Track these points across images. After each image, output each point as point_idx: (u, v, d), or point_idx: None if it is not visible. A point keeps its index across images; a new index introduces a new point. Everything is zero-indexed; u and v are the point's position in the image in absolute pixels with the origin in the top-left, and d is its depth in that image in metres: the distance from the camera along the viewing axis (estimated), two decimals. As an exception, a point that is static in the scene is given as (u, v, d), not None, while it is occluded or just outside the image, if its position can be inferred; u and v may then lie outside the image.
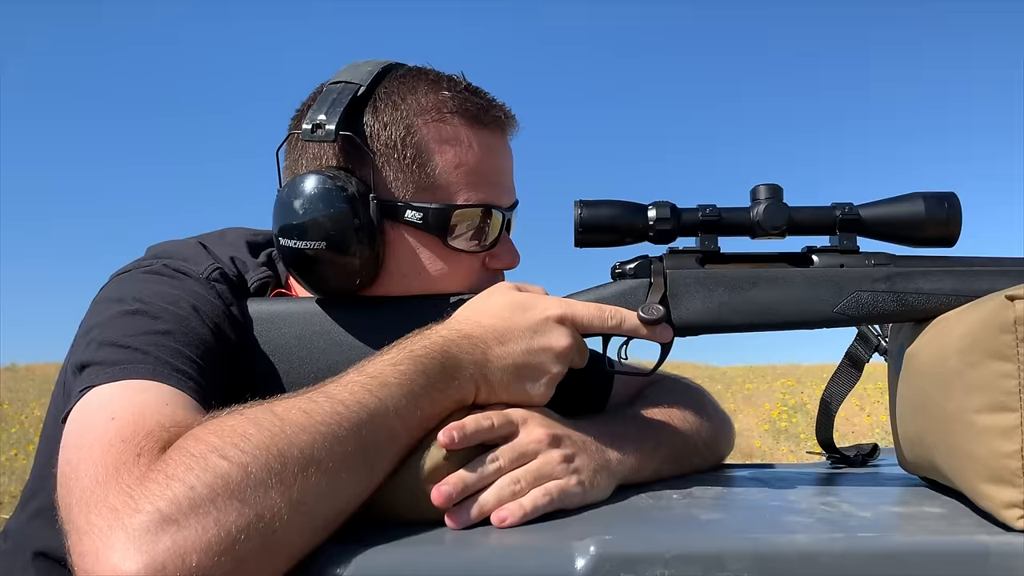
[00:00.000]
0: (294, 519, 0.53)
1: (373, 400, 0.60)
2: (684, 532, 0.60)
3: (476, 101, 0.81)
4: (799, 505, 0.68)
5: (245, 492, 0.51)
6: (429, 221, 0.77)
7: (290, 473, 0.53)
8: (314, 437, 0.56)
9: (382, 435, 0.60)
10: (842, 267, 0.74)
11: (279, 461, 0.53)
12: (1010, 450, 0.59)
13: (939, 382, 0.66)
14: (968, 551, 0.57)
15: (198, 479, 0.50)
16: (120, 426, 0.57)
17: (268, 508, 0.52)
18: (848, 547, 0.56)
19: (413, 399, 0.62)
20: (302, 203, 0.74)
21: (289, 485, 0.53)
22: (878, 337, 0.89)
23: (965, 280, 0.72)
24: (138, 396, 0.61)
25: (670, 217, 0.75)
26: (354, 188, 0.75)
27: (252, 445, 0.53)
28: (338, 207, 0.74)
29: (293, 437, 0.55)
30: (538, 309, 0.70)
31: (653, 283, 0.74)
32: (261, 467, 0.52)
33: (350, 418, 0.58)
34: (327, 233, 0.74)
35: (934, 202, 0.74)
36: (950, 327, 0.67)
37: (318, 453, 0.55)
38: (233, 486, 0.51)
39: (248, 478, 0.51)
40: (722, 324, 0.74)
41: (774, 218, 0.74)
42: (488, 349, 0.68)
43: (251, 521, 0.51)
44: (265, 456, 0.53)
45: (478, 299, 0.73)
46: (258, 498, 0.51)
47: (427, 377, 0.64)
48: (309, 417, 0.57)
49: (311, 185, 0.75)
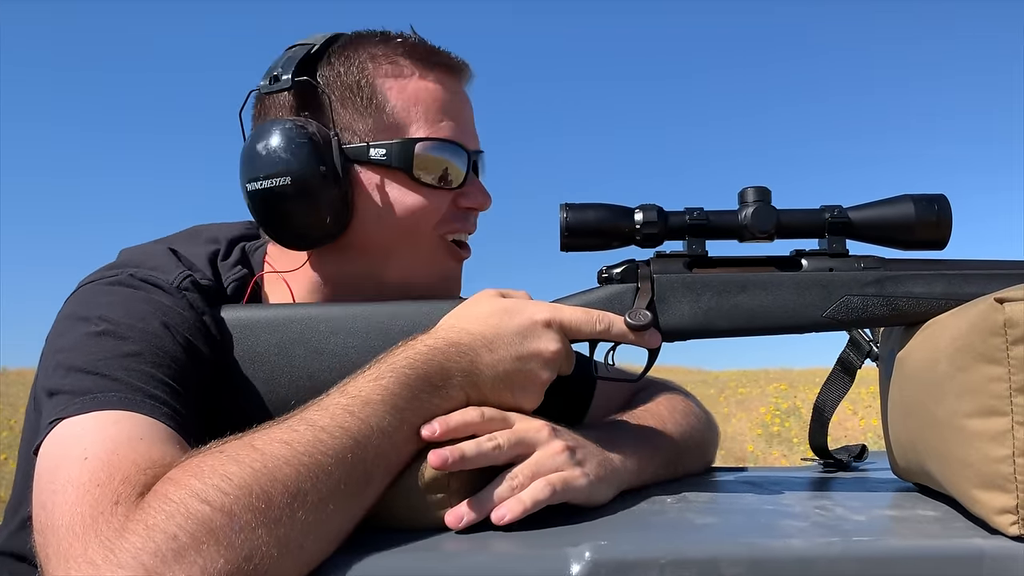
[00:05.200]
0: (284, 557, 0.51)
1: (356, 423, 0.59)
2: (679, 537, 0.59)
3: (427, 46, 0.84)
4: (793, 509, 0.68)
5: (230, 536, 0.49)
6: (392, 157, 0.79)
7: (275, 511, 0.52)
8: (298, 470, 0.54)
9: (368, 458, 0.59)
10: (831, 271, 0.74)
11: (263, 500, 0.51)
12: (1001, 455, 0.59)
13: (929, 387, 0.66)
14: (962, 555, 0.57)
15: (180, 528, 0.48)
16: (93, 468, 0.54)
17: (255, 549, 0.50)
18: (843, 551, 0.56)
19: (398, 414, 0.61)
20: (264, 145, 0.77)
21: (275, 523, 0.51)
22: (869, 343, 0.89)
23: (955, 283, 0.72)
24: (110, 430, 0.58)
25: (657, 220, 0.74)
26: (315, 129, 0.78)
27: (234, 486, 0.51)
28: (299, 142, 0.76)
29: (276, 472, 0.53)
30: (526, 314, 0.70)
31: (640, 288, 0.74)
32: (244, 508, 0.51)
33: (334, 446, 0.57)
34: (290, 168, 0.76)
35: (924, 204, 0.73)
36: (940, 331, 0.67)
37: (303, 486, 0.54)
38: (217, 531, 0.49)
39: (232, 522, 0.50)
40: (710, 329, 0.73)
41: (762, 221, 0.74)
42: (477, 357, 0.67)
43: (239, 565, 0.49)
44: (248, 496, 0.51)
45: (464, 307, 0.72)
46: (244, 541, 0.49)
47: (411, 390, 0.63)
48: (291, 449, 0.55)
49: (272, 128, 0.77)
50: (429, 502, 0.60)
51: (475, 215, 0.86)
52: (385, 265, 0.82)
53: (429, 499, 0.60)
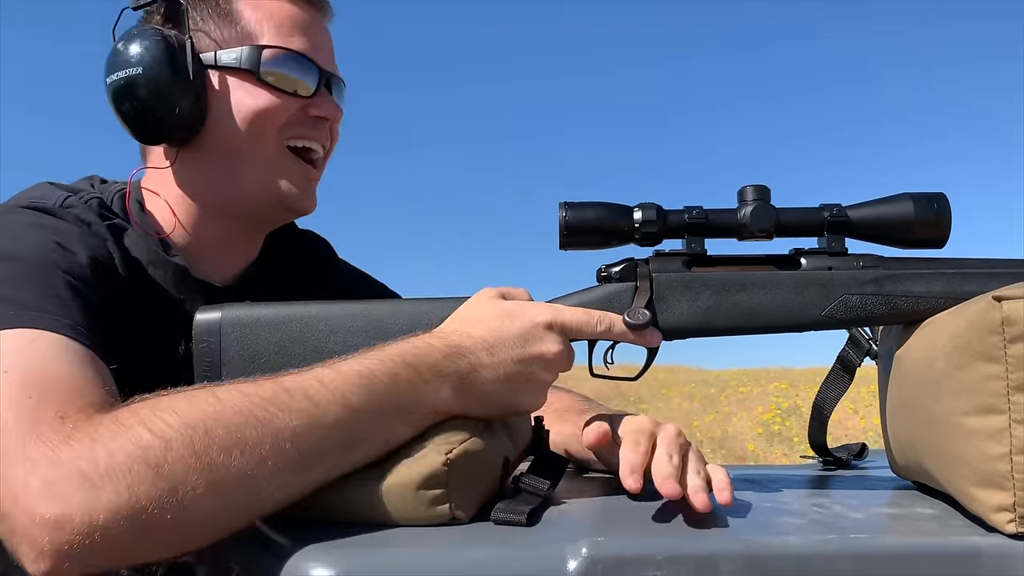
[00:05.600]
0: (208, 497, 0.53)
1: (322, 392, 0.59)
2: (676, 534, 0.60)
3: None
4: (791, 506, 0.68)
5: (162, 464, 0.52)
6: (242, 62, 0.86)
7: (212, 453, 0.54)
8: (246, 419, 0.56)
9: (324, 427, 0.58)
10: (830, 270, 0.74)
11: (204, 439, 0.54)
12: (998, 453, 0.59)
13: (927, 385, 0.66)
14: (960, 552, 0.57)
15: (120, 447, 0.52)
16: (18, 381, 0.58)
17: (183, 483, 0.52)
18: (841, 548, 0.56)
19: (373, 397, 0.61)
20: (123, 45, 0.84)
21: (209, 464, 0.53)
22: (869, 341, 0.89)
23: (954, 282, 0.72)
24: (25, 349, 0.61)
25: (656, 219, 0.74)
26: (171, 34, 0.84)
27: (179, 419, 0.54)
28: (153, 40, 0.83)
29: (224, 416, 0.55)
30: (527, 317, 0.70)
31: (639, 287, 0.74)
32: (183, 442, 0.53)
33: (291, 405, 0.57)
34: (142, 61, 0.82)
35: (923, 203, 0.73)
36: (938, 329, 0.67)
37: (247, 435, 0.55)
38: (151, 457, 0.52)
39: (168, 451, 0.53)
40: (709, 328, 0.74)
41: (761, 220, 0.74)
42: (477, 360, 0.67)
43: (164, 491, 0.52)
44: (190, 432, 0.54)
45: (465, 309, 0.72)
46: (174, 471, 0.52)
47: (394, 377, 0.63)
48: (247, 399, 0.57)
49: (131, 31, 0.85)
50: (426, 498, 0.60)
51: (325, 126, 0.92)
52: (237, 170, 0.88)
53: (426, 495, 0.60)
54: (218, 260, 0.92)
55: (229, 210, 0.90)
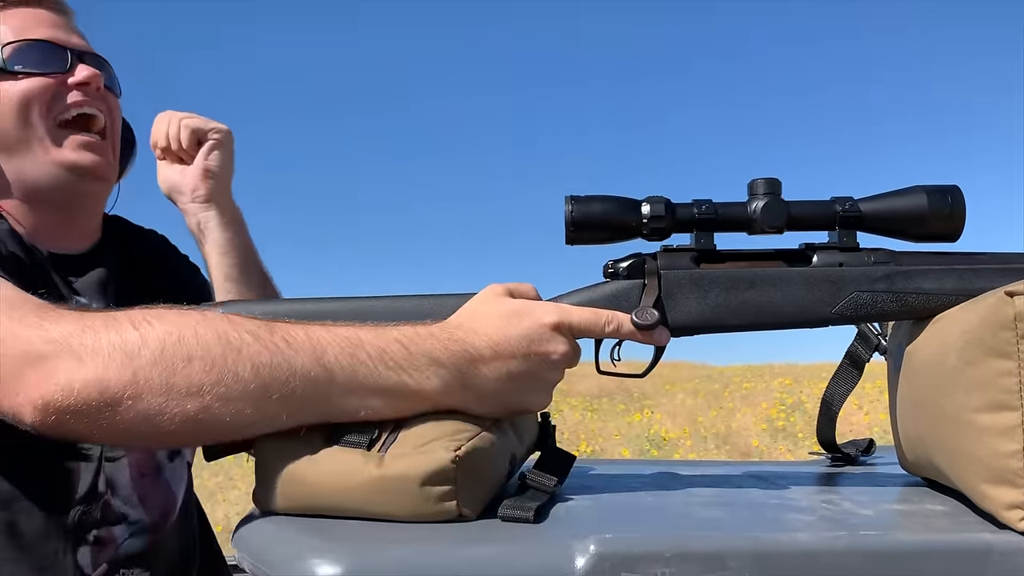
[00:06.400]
0: (160, 398, 0.59)
1: (303, 342, 0.62)
2: (684, 530, 0.59)
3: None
4: (800, 503, 0.68)
5: (133, 358, 0.60)
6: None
7: (176, 358, 0.60)
8: (218, 338, 0.61)
9: (287, 375, 0.61)
10: (841, 266, 0.73)
11: (174, 346, 0.60)
12: (1011, 450, 0.59)
13: (938, 381, 0.66)
14: (971, 549, 0.56)
15: (105, 336, 0.60)
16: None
17: (145, 378, 0.59)
18: (850, 545, 0.55)
19: (351, 359, 0.63)
20: None
21: (168, 367, 0.60)
22: (878, 336, 0.89)
23: (966, 279, 0.70)
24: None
25: (664, 214, 0.73)
26: None
27: (163, 326, 0.61)
28: None
29: (199, 328, 0.61)
30: (534, 317, 0.69)
31: (647, 284, 0.72)
32: (157, 344, 0.60)
33: (266, 342, 0.62)
34: None
35: (937, 196, 0.72)
36: (949, 325, 0.67)
37: (212, 352, 0.60)
38: (128, 349, 0.60)
39: (142, 346, 0.60)
40: (717, 325, 0.73)
41: (772, 216, 0.73)
42: (479, 357, 0.66)
43: (127, 381, 0.59)
44: (164, 336, 0.60)
45: (471, 306, 0.71)
46: (140, 367, 0.59)
47: (382, 351, 0.64)
48: (229, 323, 0.62)
49: None
50: (433, 495, 0.60)
51: (92, 90, 0.96)
52: (23, 158, 0.93)
53: (433, 492, 0.60)
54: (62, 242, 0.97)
55: (37, 195, 0.95)
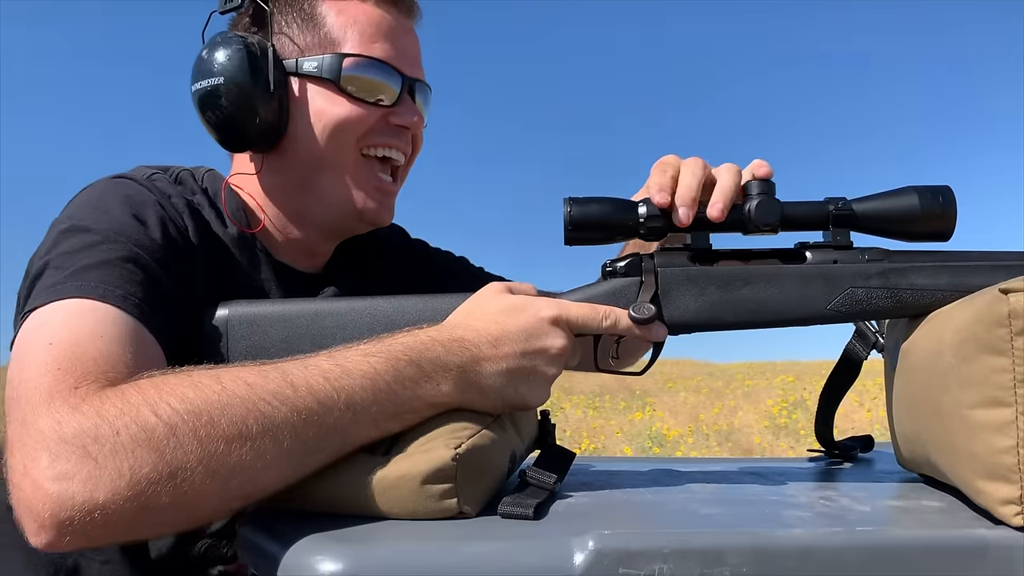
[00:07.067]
0: (207, 485, 0.55)
1: (326, 388, 0.60)
2: (683, 527, 0.60)
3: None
4: (797, 499, 0.68)
5: (164, 448, 0.54)
6: (323, 70, 0.86)
7: (214, 442, 0.55)
8: (249, 411, 0.57)
9: (325, 426, 0.60)
10: (835, 263, 0.74)
11: (207, 427, 0.56)
12: (1005, 446, 0.59)
13: (934, 378, 0.66)
14: (967, 545, 0.57)
15: (125, 427, 0.54)
16: (57, 354, 0.60)
17: (182, 468, 0.54)
18: (847, 541, 0.56)
19: (373, 393, 0.62)
20: (208, 53, 0.85)
21: (210, 453, 0.55)
22: (875, 334, 0.89)
23: (960, 275, 0.71)
24: (74, 321, 0.63)
25: (661, 214, 0.74)
26: (254, 40, 0.85)
27: (185, 407, 0.56)
28: (236, 48, 0.84)
29: (228, 407, 0.57)
30: (532, 312, 0.70)
31: (644, 281, 0.74)
32: (187, 429, 0.55)
33: (295, 403, 0.59)
34: (225, 70, 0.83)
35: (928, 196, 0.73)
36: (945, 322, 0.67)
37: (249, 428, 0.57)
38: (154, 440, 0.54)
39: (171, 436, 0.55)
40: (714, 322, 0.73)
41: (767, 215, 0.74)
42: (480, 353, 0.67)
43: (163, 475, 0.54)
44: (194, 419, 0.56)
45: (470, 303, 0.72)
46: (175, 457, 0.54)
47: (397, 374, 0.63)
48: (252, 391, 0.58)
49: (216, 39, 0.86)
50: (434, 492, 0.61)
51: (407, 135, 0.91)
52: (318, 175, 0.88)
53: (434, 489, 0.61)
54: (296, 258, 0.93)
55: (308, 218, 0.91)
